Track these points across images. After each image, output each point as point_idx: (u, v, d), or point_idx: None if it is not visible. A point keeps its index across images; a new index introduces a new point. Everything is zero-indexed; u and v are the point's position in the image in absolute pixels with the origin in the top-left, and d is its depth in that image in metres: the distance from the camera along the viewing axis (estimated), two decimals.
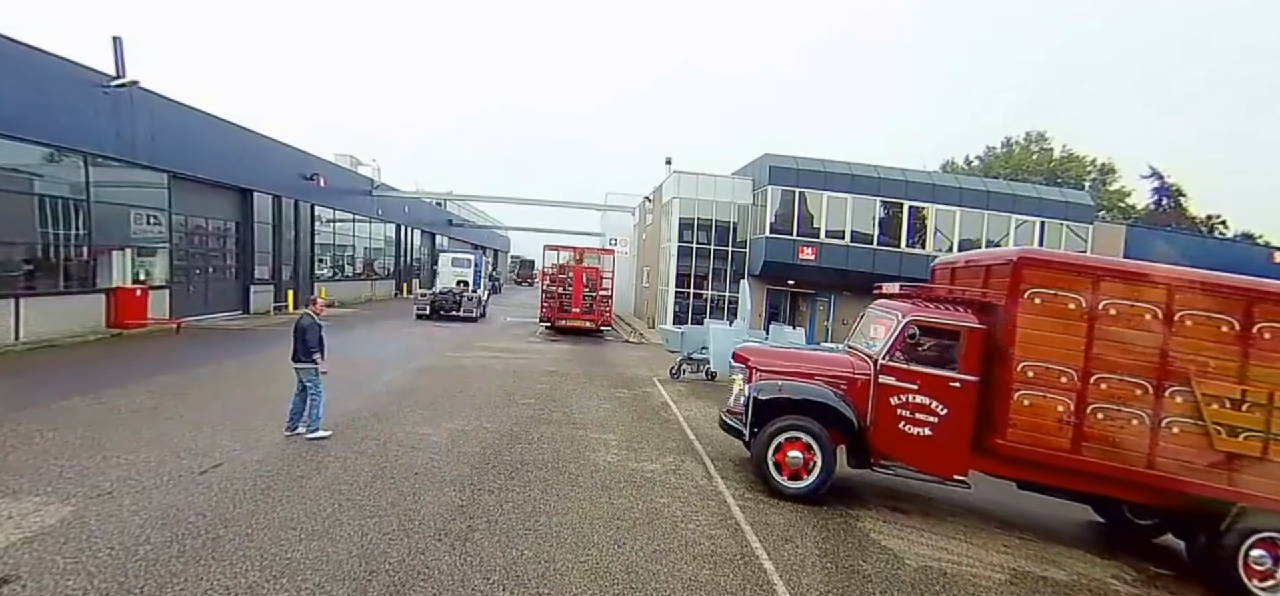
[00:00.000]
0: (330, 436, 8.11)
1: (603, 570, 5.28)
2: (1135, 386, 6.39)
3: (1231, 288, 6.51)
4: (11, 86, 13.36)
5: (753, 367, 7.77)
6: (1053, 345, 6.53)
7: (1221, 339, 6.29)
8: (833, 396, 7.32)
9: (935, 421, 7.02)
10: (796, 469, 7.28)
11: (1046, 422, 6.54)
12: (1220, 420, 6.24)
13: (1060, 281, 6.59)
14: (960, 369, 6.99)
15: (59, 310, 14.54)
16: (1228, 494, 6.29)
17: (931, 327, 7.14)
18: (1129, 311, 6.43)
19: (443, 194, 46.39)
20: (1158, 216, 40.21)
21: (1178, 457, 6.33)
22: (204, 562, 4.81)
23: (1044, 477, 6.91)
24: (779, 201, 24.16)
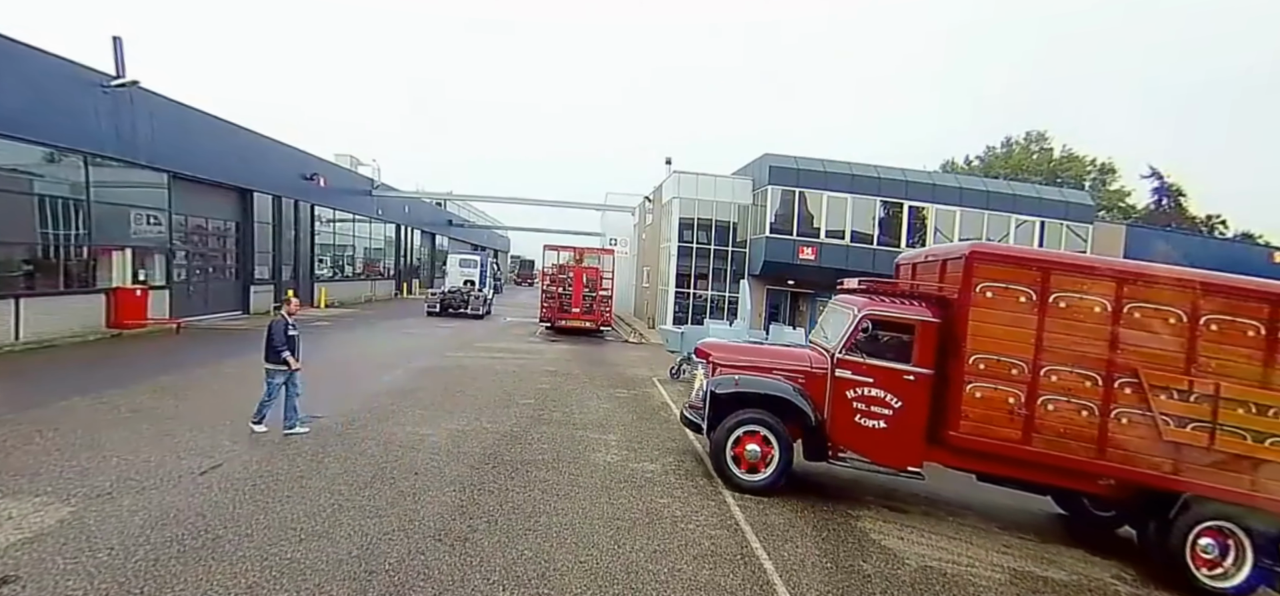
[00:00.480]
0: (306, 432, 8.15)
1: (603, 570, 5.28)
2: (1085, 378, 6.48)
3: (1178, 281, 6.61)
4: (11, 86, 13.36)
5: (714, 362, 7.85)
6: (1004, 338, 6.62)
7: (1169, 331, 6.38)
8: (789, 390, 7.42)
9: (890, 414, 7.13)
10: (754, 462, 7.37)
11: (997, 414, 6.63)
12: (1167, 411, 6.33)
13: (1011, 275, 6.67)
14: (914, 362, 7.09)
15: (59, 310, 14.54)
16: (1175, 483, 6.39)
17: (886, 322, 7.28)
18: (1078, 304, 6.52)
19: (443, 194, 46.39)
20: (1158, 216, 40.23)
21: (1126, 448, 6.43)
22: (204, 562, 4.81)
23: (996, 468, 7.00)
24: (779, 201, 24.17)
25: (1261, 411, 6.19)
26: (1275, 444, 6.17)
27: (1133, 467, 6.44)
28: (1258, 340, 6.23)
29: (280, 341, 8.09)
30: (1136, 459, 6.41)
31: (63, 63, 14.61)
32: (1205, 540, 6.35)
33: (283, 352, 8.08)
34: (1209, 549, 6.35)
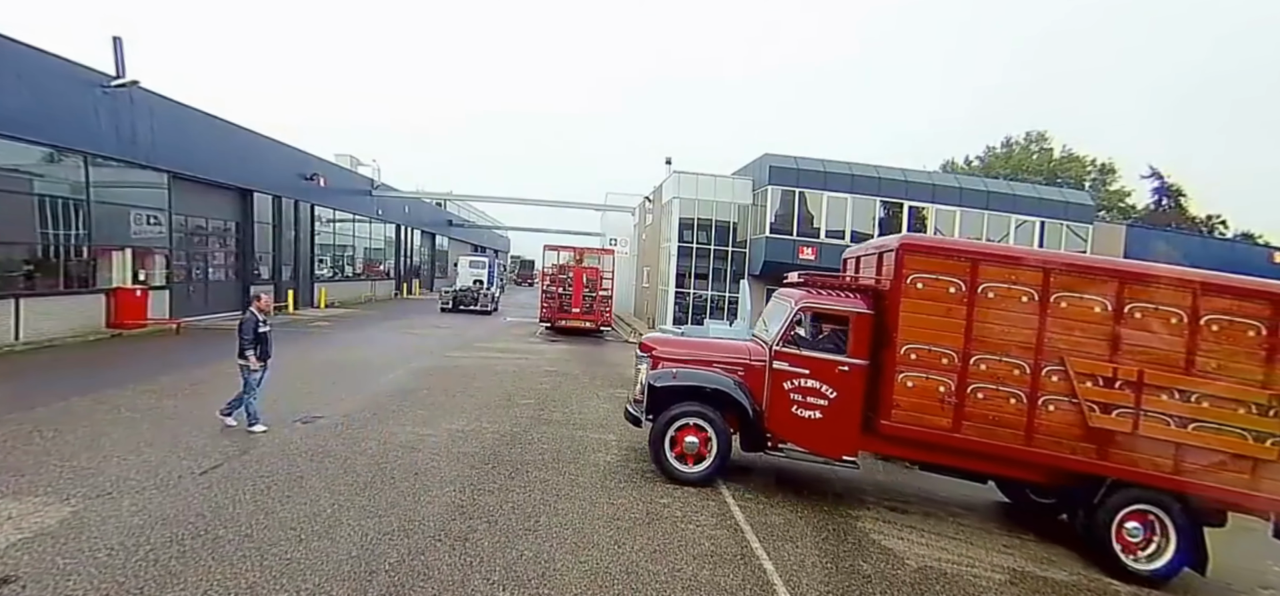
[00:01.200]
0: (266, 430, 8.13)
1: (603, 570, 5.28)
2: (1013, 366, 6.59)
3: (1104, 269, 6.77)
4: (11, 86, 13.37)
5: (655, 356, 7.89)
6: (934, 328, 6.72)
7: (1094, 320, 6.48)
8: (727, 382, 7.48)
9: (825, 404, 7.24)
10: (692, 453, 7.43)
11: (928, 403, 6.73)
12: (1093, 398, 6.43)
13: (941, 266, 6.76)
14: (849, 353, 7.19)
15: (59, 310, 14.55)
16: (1101, 468, 6.52)
17: (821, 314, 7.40)
18: (1007, 294, 6.62)
19: (443, 194, 46.40)
20: (1158, 216, 40.21)
21: (1054, 434, 6.54)
22: (204, 562, 4.81)
23: (929, 456, 7.11)
24: (779, 201, 24.16)
25: (1184, 397, 6.32)
26: (1197, 428, 6.30)
27: (1059, 453, 6.57)
28: (1180, 327, 6.35)
29: (248, 339, 8.12)
30: (1063, 445, 6.54)
31: (63, 63, 14.61)
32: (1131, 524, 6.51)
33: (247, 349, 8.12)
34: (1135, 532, 6.50)
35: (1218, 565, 7.46)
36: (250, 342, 8.14)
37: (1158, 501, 6.45)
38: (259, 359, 8.24)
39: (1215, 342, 6.30)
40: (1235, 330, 6.27)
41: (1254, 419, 6.22)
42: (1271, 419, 6.19)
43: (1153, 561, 6.45)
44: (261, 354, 8.29)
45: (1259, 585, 7.18)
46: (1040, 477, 7.01)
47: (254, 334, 8.18)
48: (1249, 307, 6.27)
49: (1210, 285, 6.47)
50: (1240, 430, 6.24)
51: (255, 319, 8.28)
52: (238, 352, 8.21)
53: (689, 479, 7.41)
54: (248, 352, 8.13)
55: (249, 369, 8.15)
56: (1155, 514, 6.47)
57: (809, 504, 7.41)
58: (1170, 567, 6.41)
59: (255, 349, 8.18)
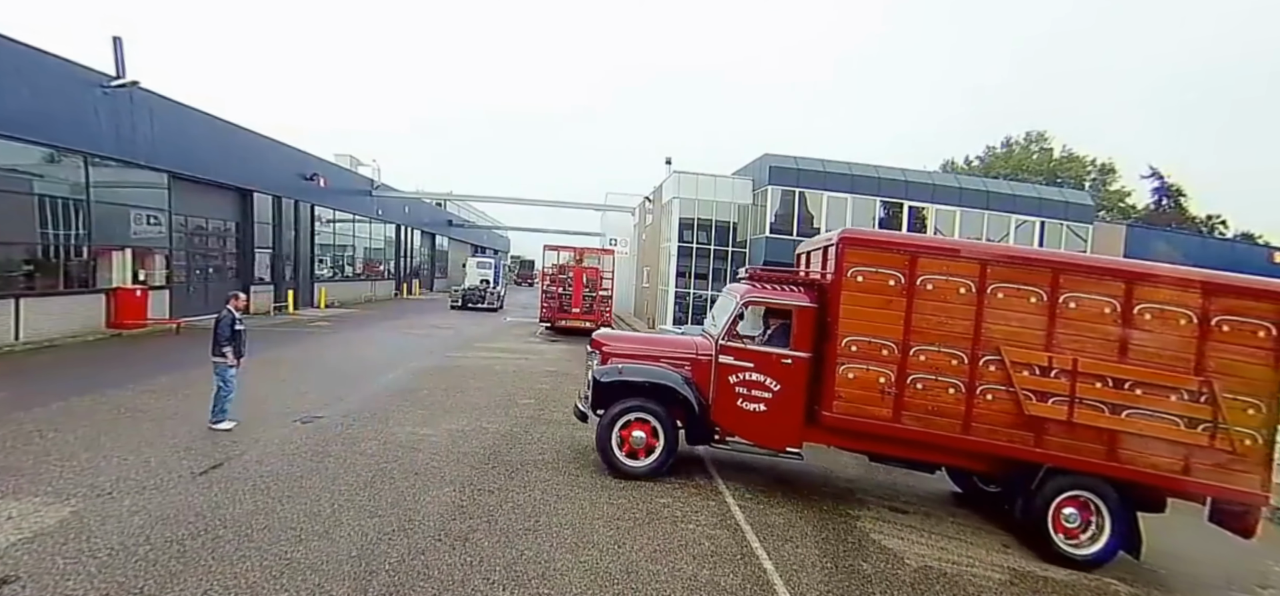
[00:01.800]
0: (232, 428, 8.16)
1: (603, 570, 5.28)
2: (951, 357, 6.67)
3: (1038, 260, 6.93)
4: (11, 86, 13.36)
5: (605, 352, 7.94)
6: (874, 320, 6.79)
7: (1030, 310, 6.56)
8: (672, 377, 7.53)
9: (770, 397, 7.32)
10: (639, 448, 7.47)
11: (869, 394, 6.81)
12: (1029, 387, 6.51)
13: (880, 259, 6.84)
14: (792, 346, 7.27)
15: (59, 310, 14.54)
16: (1037, 456, 6.60)
17: (764, 308, 7.53)
18: (944, 286, 6.69)
19: (443, 194, 46.38)
20: (1158, 216, 40.21)
21: (991, 423, 6.63)
22: (204, 562, 4.81)
23: (871, 447, 7.22)
24: (779, 201, 24.17)
25: (1117, 385, 6.40)
26: (1131, 415, 6.39)
27: (996, 441, 6.65)
28: (1113, 317, 6.43)
29: (225, 337, 8.24)
30: (1000, 433, 6.63)
31: (63, 63, 14.61)
32: (1068, 510, 6.60)
33: (224, 347, 8.23)
34: (1072, 518, 6.60)
35: (1218, 565, 7.47)
36: (227, 339, 8.25)
37: (1093, 487, 6.56)
38: (236, 356, 8.34)
39: (1148, 331, 6.39)
40: (1167, 318, 6.36)
41: (1185, 405, 6.32)
42: (1202, 405, 6.28)
43: (1089, 546, 6.57)
44: (238, 351, 8.38)
45: (1259, 584, 7.19)
46: (981, 466, 7.13)
47: (231, 331, 8.29)
48: (1178, 296, 6.38)
49: (1142, 275, 6.61)
50: (1172, 416, 6.34)
51: (232, 316, 8.39)
52: (213, 350, 8.31)
53: (635, 473, 7.44)
54: (226, 349, 8.24)
55: (227, 366, 8.25)
56: (1091, 499, 6.59)
57: (809, 504, 7.41)
58: (1105, 552, 6.53)
59: (232, 345, 8.28)
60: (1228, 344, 6.25)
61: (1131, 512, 6.54)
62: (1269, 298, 6.28)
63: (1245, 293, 6.33)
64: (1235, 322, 6.24)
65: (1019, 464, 6.74)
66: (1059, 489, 6.60)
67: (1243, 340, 6.23)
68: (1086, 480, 6.57)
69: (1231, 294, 6.32)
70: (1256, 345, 6.21)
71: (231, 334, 8.29)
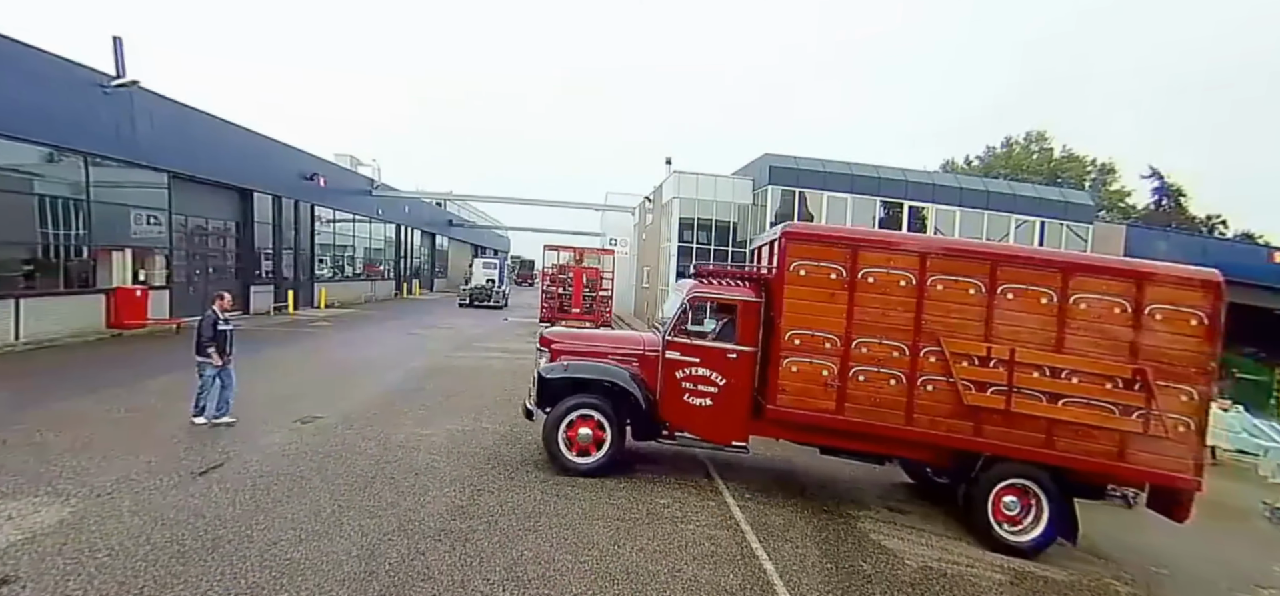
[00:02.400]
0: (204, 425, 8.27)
1: (603, 570, 5.28)
2: (893, 349, 6.74)
3: (976, 252, 7.08)
4: (11, 86, 13.36)
5: (555, 350, 7.94)
6: (817, 313, 6.86)
7: (968, 301, 6.63)
8: (620, 374, 7.54)
9: (715, 391, 7.37)
10: (586, 445, 7.45)
11: (812, 387, 6.87)
12: (968, 377, 6.58)
13: (822, 253, 6.91)
14: (737, 340, 7.33)
15: (59, 310, 14.54)
16: (977, 445, 6.70)
17: (710, 303, 7.57)
18: (885, 279, 6.77)
19: (443, 194, 46.36)
20: (1158, 216, 40.17)
21: (932, 413, 6.70)
22: (204, 562, 4.81)
23: (816, 439, 7.30)
24: (779, 201, 24.14)
25: (1054, 374, 6.48)
26: (1067, 404, 6.46)
27: (937, 431, 6.73)
28: (1050, 307, 6.50)
29: (207, 337, 8.34)
30: (941, 423, 6.70)
31: (63, 63, 14.60)
32: (1009, 498, 6.72)
33: (207, 347, 8.31)
34: (1012, 505, 6.72)
35: (1218, 565, 7.48)
36: (209, 340, 8.34)
37: (1032, 475, 6.66)
38: (221, 354, 8.41)
39: (1083, 320, 6.47)
40: (1101, 308, 6.45)
41: (1120, 393, 6.40)
42: (1137, 393, 6.36)
43: (1028, 533, 6.68)
44: (221, 350, 8.46)
45: (1259, 584, 7.19)
46: (925, 456, 7.22)
47: (213, 331, 8.37)
48: (1113, 286, 6.47)
49: (1078, 265, 6.73)
50: (1108, 404, 6.42)
51: (215, 316, 8.46)
52: (197, 349, 8.39)
53: (582, 469, 7.40)
54: (209, 349, 8.32)
55: (212, 365, 8.33)
56: (1030, 487, 6.68)
57: (809, 504, 7.41)
58: (1043, 538, 6.64)
59: (215, 345, 8.36)
60: (1161, 332, 6.37)
61: (1069, 499, 6.68)
62: (1200, 287, 6.42)
63: (1177, 282, 6.47)
64: (1168, 311, 6.36)
65: (960, 453, 6.86)
66: (999, 477, 6.71)
67: (1175, 328, 6.35)
68: (1025, 467, 6.67)
69: (1164, 283, 6.45)
70: (1189, 333, 6.33)
71: (213, 334, 8.37)
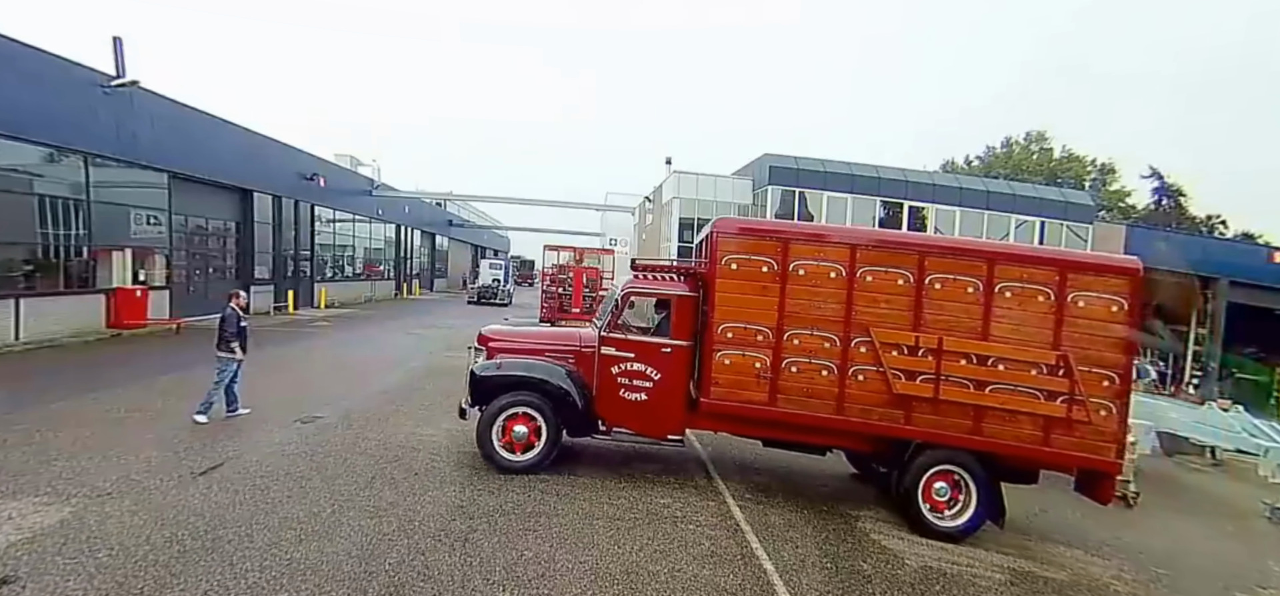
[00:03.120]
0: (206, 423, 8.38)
1: (603, 570, 5.28)
2: (824, 340, 6.79)
3: (905, 243, 7.26)
4: (11, 86, 13.35)
5: (491, 348, 7.91)
6: (748, 306, 6.89)
7: (897, 292, 6.71)
8: (554, 371, 7.52)
9: (650, 386, 7.37)
10: (521, 443, 7.41)
11: (745, 379, 6.90)
12: (897, 366, 6.66)
13: (754, 247, 6.96)
14: (671, 335, 7.35)
15: (59, 310, 14.53)
16: (907, 432, 6.79)
17: (645, 298, 7.59)
18: (815, 271, 6.82)
19: (443, 194, 46.35)
20: (1158, 216, 40.17)
21: (863, 403, 6.78)
22: (204, 562, 4.81)
23: (750, 430, 7.39)
24: (779, 201, 24.18)
25: (981, 361, 6.57)
26: (994, 390, 6.55)
27: (869, 420, 6.81)
28: (976, 296, 6.59)
29: (232, 332, 8.63)
30: (872, 412, 6.78)
31: (63, 63, 14.59)
32: (939, 484, 6.81)
33: (231, 342, 8.63)
34: (942, 491, 6.81)
35: (1218, 564, 7.48)
36: (234, 335, 8.64)
37: (960, 461, 6.76)
38: (242, 350, 8.76)
39: (1008, 309, 6.56)
40: (1026, 296, 6.54)
41: (1044, 379, 6.49)
42: (1061, 378, 6.45)
43: (957, 518, 6.80)
44: (243, 346, 8.80)
45: (1259, 584, 7.20)
46: (859, 445, 7.33)
47: (237, 327, 8.69)
48: (1036, 274, 6.56)
49: (1003, 255, 6.87)
50: (1032, 390, 6.51)
51: (237, 314, 8.77)
52: (220, 344, 8.66)
53: (517, 467, 7.33)
54: (233, 344, 8.62)
55: (234, 360, 8.64)
56: (959, 474, 6.79)
57: (809, 504, 7.41)
58: (971, 523, 6.77)
59: (238, 340, 8.69)
60: (1084, 319, 6.46)
61: (996, 483, 6.80)
62: (1121, 274, 6.56)
63: (1099, 269, 6.64)
64: (1090, 298, 6.46)
65: (893, 441, 6.95)
66: (929, 463, 6.80)
67: (1097, 315, 6.45)
68: (954, 453, 6.76)
69: (1086, 271, 6.60)
70: (1110, 319, 6.44)
71: (237, 330, 8.66)
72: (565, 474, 7.57)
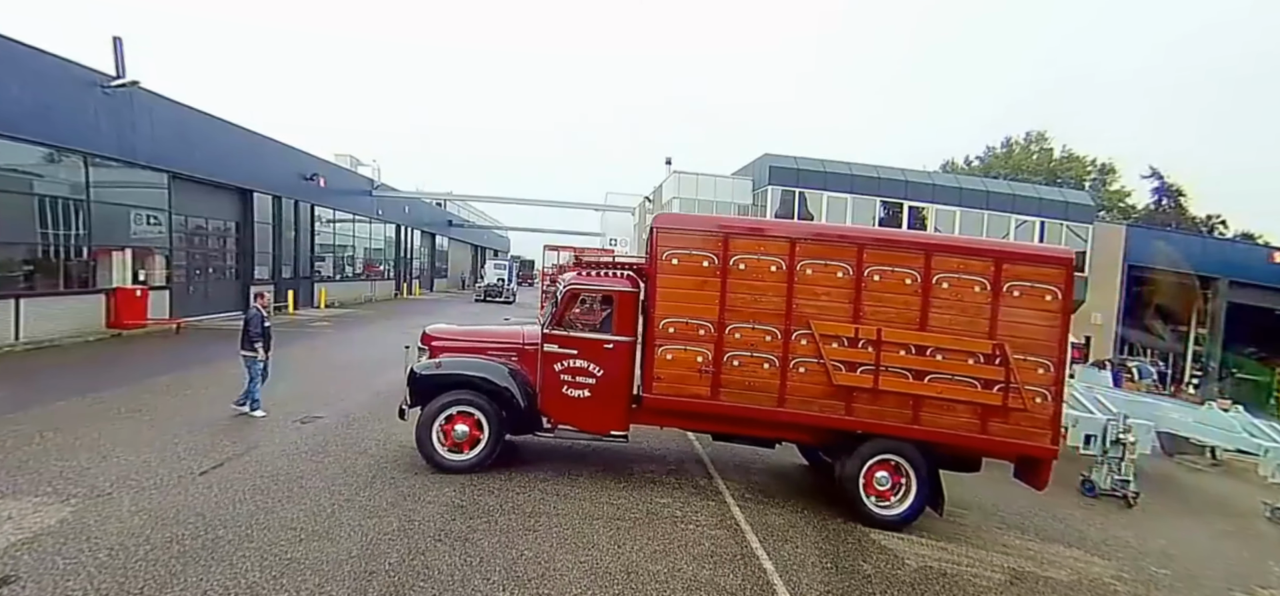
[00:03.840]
0: (264, 416, 8.74)
1: (603, 570, 5.28)
2: (765, 333, 6.83)
3: (843, 236, 7.44)
4: (11, 86, 13.36)
5: (434, 347, 7.87)
6: (690, 301, 6.93)
7: (837, 284, 6.76)
8: (494, 370, 7.45)
9: (593, 383, 7.33)
10: (462, 441, 7.32)
11: (688, 373, 6.93)
12: (837, 358, 6.71)
13: (695, 242, 6.97)
14: (614, 331, 7.32)
15: (59, 310, 14.53)
16: (848, 423, 6.85)
17: (587, 294, 7.56)
18: (756, 265, 6.85)
19: (443, 194, 46.35)
20: (1158, 216, 40.17)
21: (804, 395, 6.83)
22: (204, 562, 4.81)
23: (693, 425, 7.52)
24: (779, 201, 24.17)
25: (919, 352, 6.63)
26: (932, 380, 6.62)
27: (810, 412, 6.85)
28: (914, 288, 6.65)
29: (256, 332, 8.85)
30: (813, 404, 6.83)
31: (63, 63, 14.60)
32: (881, 473, 6.89)
33: (255, 342, 8.85)
34: (883, 481, 6.90)
35: (1219, 564, 7.48)
36: (258, 335, 8.85)
37: (901, 451, 6.83)
38: (266, 349, 8.99)
39: (946, 300, 6.63)
40: (962, 286, 6.62)
41: (981, 368, 6.56)
42: (997, 367, 6.53)
43: (897, 506, 6.89)
44: (267, 345, 9.03)
45: (1259, 584, 7.19)
46: (803, 436, 7.40)
47: (262, 327, 8.91)
48: (973, 265, 6.64)
49: (940, 246, 7.00)
50: (969, 379, 6.58)
51: (261, 314, 9.02)
52: (243, 343, 8.90)
53: (458, 467, 7.23)
54: (256, 344, 8.82)
55: (257, 359, 8.86)
56: (899, 463, 6.86)
57: (809, 504, 7.41)
58: (911, 511, 6.86)
59: (263, 340, 8.90)
60: (1018, 308, 6.54)
61: (935, 472, 6.89)
62: (1054, 263, 6.70)
63: (1033, 260, 6.78)
64: (1025, 288, 6.55)
65: (836, 432, 7.00)
66: (870, 453, 6.86)
67: (1032, 304, 6.54)
68: (894, 443, 6.82)
69: (1021, 261, 6.70)
70: (1044, 309, 6.53)
71: (262, 330, 8.88)
72: (565, 474, 7.57)
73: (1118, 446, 9.44)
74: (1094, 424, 9.69)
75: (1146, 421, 9.93)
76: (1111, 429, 9.53)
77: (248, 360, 8.88)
